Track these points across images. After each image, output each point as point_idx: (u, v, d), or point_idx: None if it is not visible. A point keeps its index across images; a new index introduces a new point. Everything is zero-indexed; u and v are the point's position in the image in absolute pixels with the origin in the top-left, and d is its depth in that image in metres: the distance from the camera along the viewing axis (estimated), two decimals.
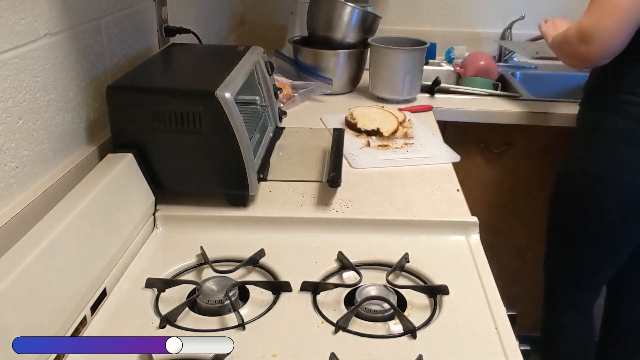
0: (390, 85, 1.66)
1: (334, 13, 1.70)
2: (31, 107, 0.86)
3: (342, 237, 1.00)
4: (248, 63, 1.17)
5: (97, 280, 0.84)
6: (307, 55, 1.75)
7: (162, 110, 0.99)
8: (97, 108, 1.07)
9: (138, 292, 0.86)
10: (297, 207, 1.07)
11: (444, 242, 1.00)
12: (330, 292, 0.87)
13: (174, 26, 1.40)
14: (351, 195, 1.12)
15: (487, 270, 0.92)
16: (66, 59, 0.96)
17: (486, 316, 0.82)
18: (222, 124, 0.98)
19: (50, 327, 0.72)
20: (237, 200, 1.06)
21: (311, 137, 1.38)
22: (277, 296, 0.86)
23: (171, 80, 1.16)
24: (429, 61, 2.04)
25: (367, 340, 0.77)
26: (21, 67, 0.83)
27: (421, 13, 2.21)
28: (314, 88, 1.66)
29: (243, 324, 0.79)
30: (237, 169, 1.01)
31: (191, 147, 1.01)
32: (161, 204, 1.05)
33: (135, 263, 0.93)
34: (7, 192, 0.81)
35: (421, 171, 1.23)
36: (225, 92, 0.97)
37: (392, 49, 1.64)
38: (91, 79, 1.04)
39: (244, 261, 0.92)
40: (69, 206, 0.82)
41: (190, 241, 0.98)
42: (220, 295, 0.83)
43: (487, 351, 0.76)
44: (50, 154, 0.92)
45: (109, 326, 0.79)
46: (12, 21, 0.80)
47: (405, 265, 0.93)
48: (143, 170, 1.01)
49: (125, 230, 0.93)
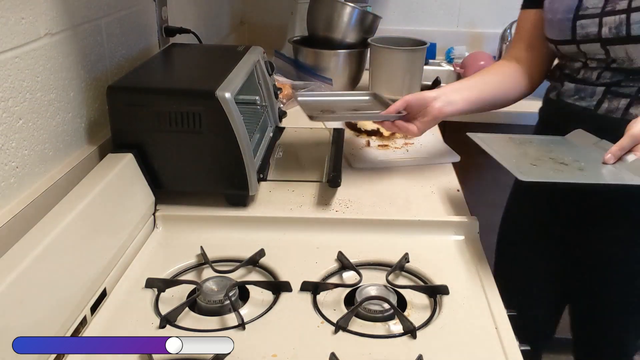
0: (390, 85, 1.66)
1: (334, 13, 1.70)
2: (31, 107, 0.86)
3: (342, 237, 1.00)
4: (248, 63, 1.17)
5: (97, 280, 0.84)
6: (307, 55, 1.75)
7: (162, 110, 0.99)
8: (98, 108, 1.07)
9: (138, 292, 0.86)
10: (297, 207, 1.07)
11: (444, 242, 1.00)
12: (330, 292, 0.87)
13: (174, 26, 1.40)
14: (351, 195, 1.12)
15: (487, 270, 0.92)
16: (66, 59, 0.96)
17: (486, 316, 0.81)
18: (222, 124, 0.98)
19: (50, 327, 0.72)
20: (237, 200, 1.06)
21: (311, 137, 1.38)
22: (277, 296, 0.86)
23: (171, 80, 1.16)
24: (429, 61, 2.04)
25: (367, 340, 0.77)
26: (21, 67, 0.83)
27: (421, 13, 2.22)
28: (314, 88, 1.66)
29: (243, 324, 0.79)
30: (237, 169, 1.01)
31: (191, 147, 1.01)
32: (161, 204, 1.05)
33: (135, 263, 0.93)
34: (7, 191, 0.81)
35: (421, 171, 1.23)
36: (225, 92, 0.97)
37: (392, 49, 1.64)
38: (91, 79, 1.04)
39: (244, 261, 0.92)
40: (69, 206, 0.82)
41: (190, 241, 0.98)
42: (220, 295, 0.83)
43: (487, 351, 0.76)
44: (51, 153, 0.92)
45: (109, 326, 0.79)
46: (13, 21, 0.80)
47: (405, 265, 0.93)
48: (143, 170, 1.01)
49: (125, 230, 0.93)
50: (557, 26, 1.07)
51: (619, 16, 0.97)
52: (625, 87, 1.01)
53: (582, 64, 1.07)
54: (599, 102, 1.04)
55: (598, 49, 1.02)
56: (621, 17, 0.97)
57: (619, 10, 0.98)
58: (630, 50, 0.98)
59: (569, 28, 1.04)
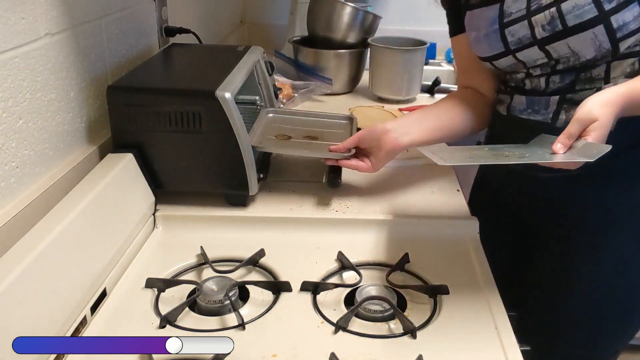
0: (390, 85, 1.66)
1: (334, 13, 1.70)
2: (31, 106, 0.86)
3: (342, 237, 1.00)
4: (248, 63, 1.17)
5: (97, 280, 0.84)
6: (307, 55, 1.75)
7: (162, 110, 0.99)
8: (98, 108, 1.07)
9: (138, 292, 0.86)
10: (297, 207, 1.07)
11: (444, 242, 1.00)
12: (330, 292, 0.87)
13: (174, 26, 1.40)
14: (351, 195, 1.12)
15: (487, 270, 0.92)
16: (66, 59, 0.96)
17: (486, 316, 0.81)
18: (222, 124, 0.98)
19: (50, 327, 0.72)
20: (237, 200, 1.06)
21: None
22: (277, 296, 0.86)
23: (171, 80, 1.16)
24: (429, 61, 2.04)
25: (367, 340, 0.77)
26: (21, 67, 0.83)
27: (421, 13, 2.20)
28: (314, 88, 1.66)
29: (243, 324, 0.79)
30: (237, 169, 1.01)
31: (191, 147, 1.01)
32: (161, 204, 1.05)
33: (135, 263, 0.93)
34: (7, 191, 0.81)
35: (421, 171, 1.23)
36: (225, 92, 0.97)
37: (392, 49, 1.64)
38: (91, 79, 1.04)
39: (244, 261, 0.92)
40: (69, 206, 0.82)
41: (190, 241, 0.98)
42: (220, 295, 0.83)
43: (487, 351, 0.76)
44: (51, 153, 0.92)
45: (109, 326, 0.79)
46: (13, 21, 0.80)
47: (405, 265, 0.93)
48: (143, 170, 1.01)
49: (125, 230, 0.93)
50: (486, 42, 1.00)
51: (548, 11, 0.90)
52: (581, 92, 0.93)
53: (524, 74, 1.00)
54: (555, 114, 0.96)
55: (537, 53, 0.94)
56: (551, 12, 0.89)
57: (546, 5, 0.90)
58: (572, 44, 0.90)
59: (498, 40, 0.97)
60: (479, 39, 1.02)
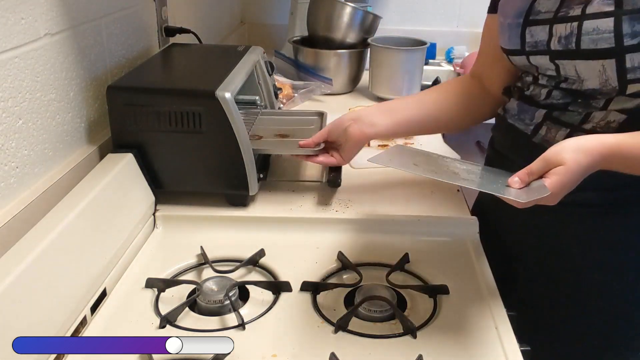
0: (390, 85, 1.66)
1: (334, 13, 1.70)
2: (31, 107, 0.86)
3: (342, 237, 1.00)
4: (248, 63, 1.17)
5: (97, 280, 0.84)
6: (307, 55, 1.75)
7: (162, 110, 0.99)
8: (97, 108, 1.07)
9: (138, 292, 0.86)
10: (297, 207, 1.07)
11: (444, 242, 1.00)
12: (330, 292, 0.87)
13: (174, 26, 1.40)
14: (351, 195, 1.12)
15: (487, 270, 0.92)
16: (66, 59, 0.96)
17: (486, 316, 0.82)
18: (222, 124, 0.98)
19: (50, 327, 0.72)
20: (237, 200, 1.06)
21: None
22: (277, 296, 0.86)
23: (171, 80, 1.16)
24: (429, 61, 2.04)
25: (367, 340, 0.77)
26: (21, 67, 0.83)
27: (421, 13, 2.21)
28: (314, 88, 1.66)
29: (243, 324, 0.79)
30: (237, 169, 1.01)
31: (191, 147, 1.01)
32: (161, 204, 1.05)
33: (135, 263, 0.93)
34: (7, 191, 0.81)
35: None
36: (225, 92, 0.97)
37: (392, 49, 1.64)
38: (91, 79, 1.04)
39: (244, 261, 0.92)
40: (69, 206, 0.82)
41: (190, 241, 0.98)
42: (220, 295, 0.83)
43: (487, 351, 0.76)
44: (51, 153, 0.92)
45: (109, 326, 0.79)
46: (12, 21, 0.80)
47: (405, 265, 0.93)
48: (143, 170, 1.01)
49: (125, 230, 0.93)
50: (507, 33, 0.95)
51: (570, 24, 0.84)
52: (569, 113, 0.89)
53: (533, 78, 0.95)
54: (536, 128, 0.93)
55: (548, 63, 0.89)
56: (572, 26, 0.83)
57: (571, 17, 0.84)
58: (579, 68, 0.85)
59: (517, 35, 0.93)
60: (503, 27, 0.98)
